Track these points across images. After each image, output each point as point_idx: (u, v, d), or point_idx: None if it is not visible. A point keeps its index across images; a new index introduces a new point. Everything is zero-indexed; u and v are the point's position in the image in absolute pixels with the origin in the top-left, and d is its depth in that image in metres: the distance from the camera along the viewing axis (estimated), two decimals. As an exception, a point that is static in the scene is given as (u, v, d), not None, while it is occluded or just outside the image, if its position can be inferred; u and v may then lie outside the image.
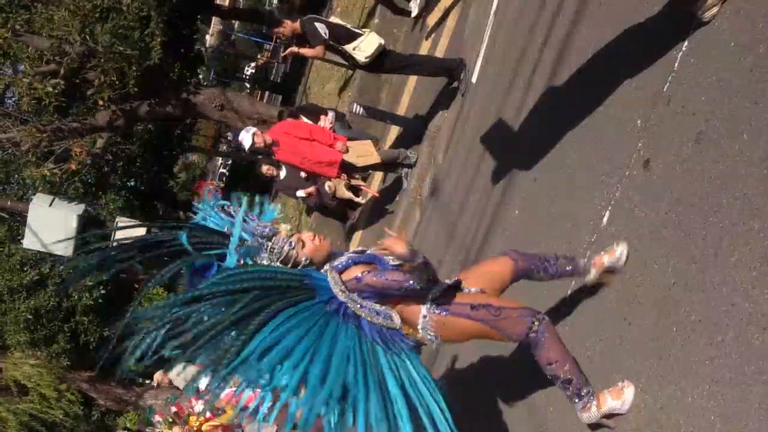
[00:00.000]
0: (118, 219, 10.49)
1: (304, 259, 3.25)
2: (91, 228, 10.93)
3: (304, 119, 8.49)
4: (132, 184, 13.01)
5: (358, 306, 3.15)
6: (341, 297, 3.13)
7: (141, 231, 9.98)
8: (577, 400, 3.27)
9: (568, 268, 3.58)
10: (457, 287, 3.38)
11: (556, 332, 3.27)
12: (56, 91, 9.42)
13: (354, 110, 8.18)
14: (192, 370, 10.30)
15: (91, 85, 10.04)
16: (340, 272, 3.20)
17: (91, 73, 9.94)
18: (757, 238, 2.71)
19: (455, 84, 7.66)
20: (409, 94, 9.72)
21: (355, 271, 3.18)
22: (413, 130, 8.53)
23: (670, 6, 3.62)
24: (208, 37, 31.40)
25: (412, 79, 9.69)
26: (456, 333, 3.32)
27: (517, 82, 5.93)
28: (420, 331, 3.27)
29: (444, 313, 3.27)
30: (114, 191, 12.40)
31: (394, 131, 9.81)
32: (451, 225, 6.71)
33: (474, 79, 7.30)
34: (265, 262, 3.17)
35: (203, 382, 2.90)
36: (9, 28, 9.35)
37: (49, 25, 9.72)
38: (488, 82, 6.90)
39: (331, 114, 8.48)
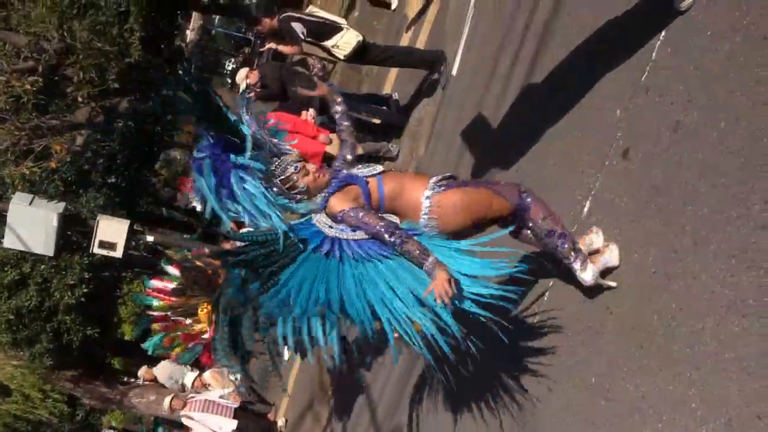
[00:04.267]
0: (99, 216, 10.39)
1: (301, 185, 3.37)
2: (71, 226, 10.85)
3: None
4: (113, 181, 12.88)
5: (343, 233, 3.40)
6: (330, 233, 3.42)
7: (124, 227, 9.95)
8: (573, 257, 3.45)
9: (562, 245, 3.50)
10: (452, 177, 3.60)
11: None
12: (34, 88, 9.31)
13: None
14: (175, 367, 10.31)
15: (70, 82, 9.94)
16: (324, 208, 3.41)
17: (70, 69, 9.84)
18: (735, 226, 2.72)
19: (436, 76, 7.64)
20: (390, 86, 9.69)
21: (338, 206, 3.35)
22: (395, 122, 8.51)
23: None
24: (188, 32, 31.16)
25: (393, 72, 9.67)
26: (456, 210, 3.43)
27: (497, 74, 5.92)
28: (422, 217, 3.42)
29: (442, 188, 3.44)
30: (95, 189, 12.29)
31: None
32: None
33: (454, 72, 7.29)
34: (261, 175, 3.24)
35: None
36: (-15, 26, 9.25)
37: (26, 21, 9.61)
38: (469, 74, 6.89)
39: (312, 110, 8.44)
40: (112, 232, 10.04)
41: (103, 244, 10.01)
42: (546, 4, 5.19)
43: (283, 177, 3.31)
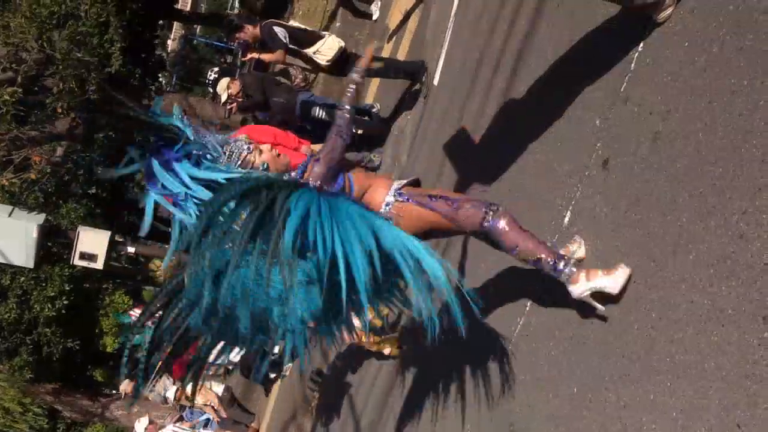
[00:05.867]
0: (80, 228, 10.32)
1: (260, 164, 3.31)
2: (52, 238, 10.77)
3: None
4: (93, 191, 12.81)
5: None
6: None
7: (105, 238, 9.88)
8: (557, 273, 3.31)
9: (539, 265, 3.42)
10: (417, 183, 3.71)
11: (513, 218, 3.41)
12: (14, 99, 9.26)
13: (315, 114, 8.13)
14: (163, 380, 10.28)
15: (50, 93, 9.90)
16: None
17: (50, 80, 9.80)
18: (714, 235, 2.74)
19: (417, 86, 7.67)
20: (371, 96, 9.72)
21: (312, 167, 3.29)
22: (377, 132, 8.52)
23: (625, 7, 3.66)
24: (170, 42, 31.09)
25: (375, 82, 9.70)
26: (413, 221, 3.46)
27: (478, 84, 5.95)
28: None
29: (406, 199, 3.50)
30: (75, 200, 12.23)
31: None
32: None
33: (436, 82, 7.32)
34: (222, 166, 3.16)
35: None
36: (-36, 36, 9.19)
37: (5, 32, 9.56)
38: (450, 84, 6.92)
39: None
40: (92, 243, 9.98)
41: (83, 256, 9.94)
42: (525, 15, 5.22)
43: (239, 161, 3.25)
